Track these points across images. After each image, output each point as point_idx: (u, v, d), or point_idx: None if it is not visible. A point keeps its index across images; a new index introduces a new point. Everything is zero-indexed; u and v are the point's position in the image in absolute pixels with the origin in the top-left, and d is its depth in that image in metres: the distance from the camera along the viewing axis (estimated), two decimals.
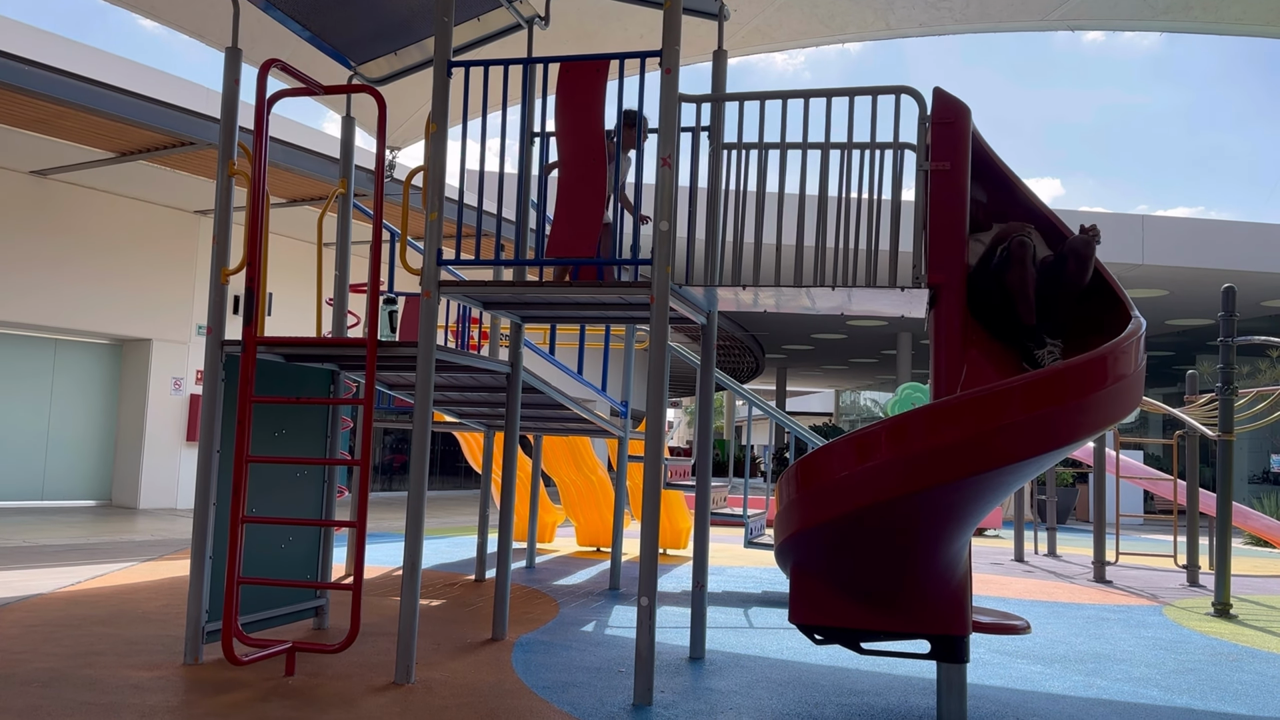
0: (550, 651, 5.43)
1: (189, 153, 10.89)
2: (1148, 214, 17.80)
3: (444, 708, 4.17)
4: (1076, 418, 3.80)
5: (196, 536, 4.88)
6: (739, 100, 4.72)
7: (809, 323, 25.29)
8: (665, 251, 4.51)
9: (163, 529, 11.30)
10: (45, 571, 7.64)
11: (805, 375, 43.15)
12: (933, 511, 3.89)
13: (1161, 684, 5.24)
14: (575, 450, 10.43)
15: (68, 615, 5.90)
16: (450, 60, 4.84)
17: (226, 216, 5.04)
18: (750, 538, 8.01)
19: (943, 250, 4.27)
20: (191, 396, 14.46)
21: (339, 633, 5.50)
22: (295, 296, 13.21)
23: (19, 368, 13.51)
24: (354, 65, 6.75)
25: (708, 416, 5.90)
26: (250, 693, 4.27)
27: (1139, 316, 4.15)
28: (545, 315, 5.82)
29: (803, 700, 4.57)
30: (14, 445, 13.40)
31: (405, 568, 4.67)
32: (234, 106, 5.04)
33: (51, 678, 4.39)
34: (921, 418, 3.89)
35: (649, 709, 4.28)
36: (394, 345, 5.04)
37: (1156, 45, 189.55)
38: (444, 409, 7.67)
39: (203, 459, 4.91)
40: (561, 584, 8.21)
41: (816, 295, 4.72)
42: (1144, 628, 7.09)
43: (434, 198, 4.80)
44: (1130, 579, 10.21)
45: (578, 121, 4.80)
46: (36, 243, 12.58)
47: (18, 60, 8.77)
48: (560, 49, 6.02)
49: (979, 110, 4.43)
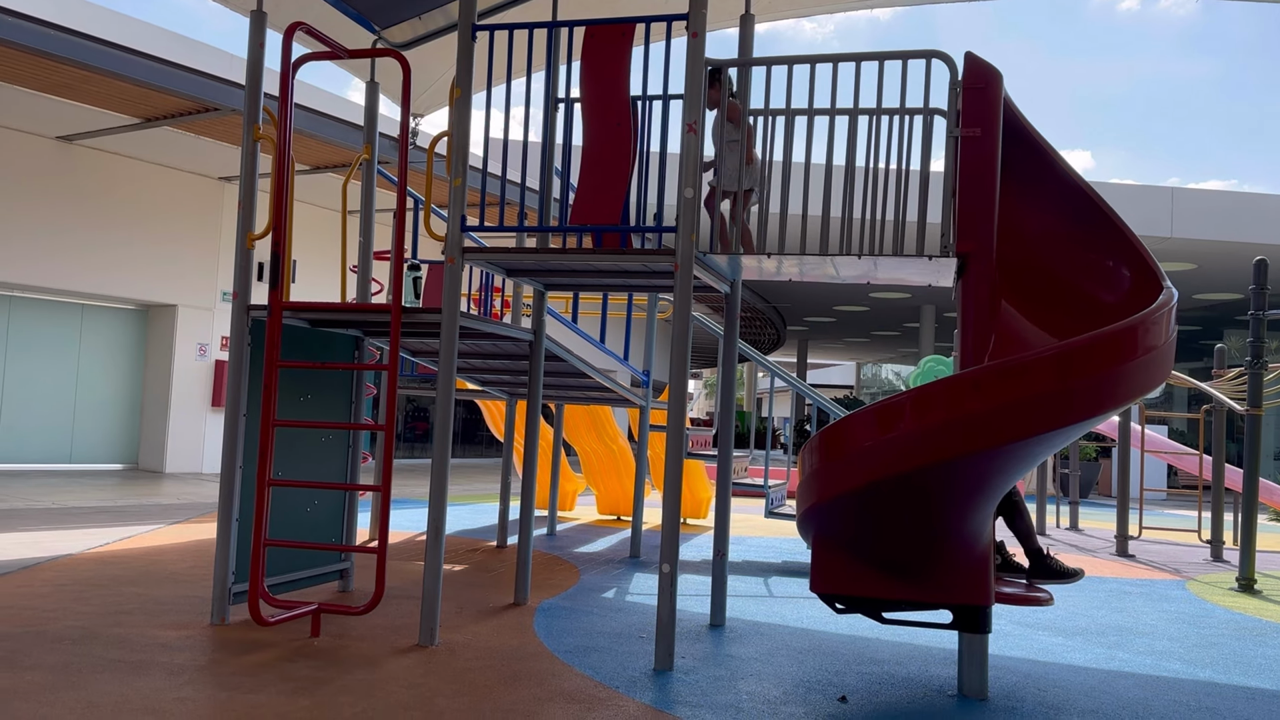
0: (572, 617, 5.47)
1: (213, 119, 10.91)
2: (1178, 186, 17.52)
3: (467, 669, 4.21)
4: (1105, 389, 3.75)
5: (223, 499, 4.93)
6: (766, 65, 4.67)
7: (831, 295, 25.16)
8: (690, 219, 4.48)
9: (189, 492, 11.43)
10: (74, 532, 7.75)
11: (826, 348, 43.03)
12: (957, 482, 3.87)
13: (1184, 657, 5.22)
14: (596, 419, 10.45)
15: (97, 575, 5.99)
16: (475, 24, 4.81)
17: (252, 181, 5.05)
18: (771, 508, 8.02)
19: (972, 218, 4.21)
20: (216, 362, 14.58)
21: (363, 595, 5.56)
22: (319, 264, 13.28)
23: (47, 333, 13.65)
24: (378, 30, 6.73)
25: (730, 387, 5.88)
26: (276, 653, 4.33)
27: (1170, 287, 4.09)
28: (568, 283, 5.81)
29: (823, 668, 4.59)
30: (43, 409, 13.57)
31: (429, 532, 4.71)
32: (259, 70, 5.03)
33: (82, 635, 4.46)
34: (947, 388, 3.86)
35: (670, 674, 4.30)
36: (418, 311, 5.05)
37: (1193, 14, 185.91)
38: (467, 376, 7.69)
39: (229, 422, 4.95)
40: (582, 551, 8.26)
41: (841, 264, 4.68)
42: (1167, 602, 7.06)
43: (458, 164, 4.78)
44: (1153, 553, 10.16)
45: (603, 86, 4.76)
46: (63, 208, 12.67)
47: (43, 24, 8.79)
48: (585, 13, 5.97)
49: (1010, 81, 4.35)
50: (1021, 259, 4.53)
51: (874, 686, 4.31)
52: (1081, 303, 4.47)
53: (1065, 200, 4.55)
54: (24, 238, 12.29)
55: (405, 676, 4.05)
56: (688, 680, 4.22)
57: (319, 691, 3.77)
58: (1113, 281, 4.47)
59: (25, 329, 13.39)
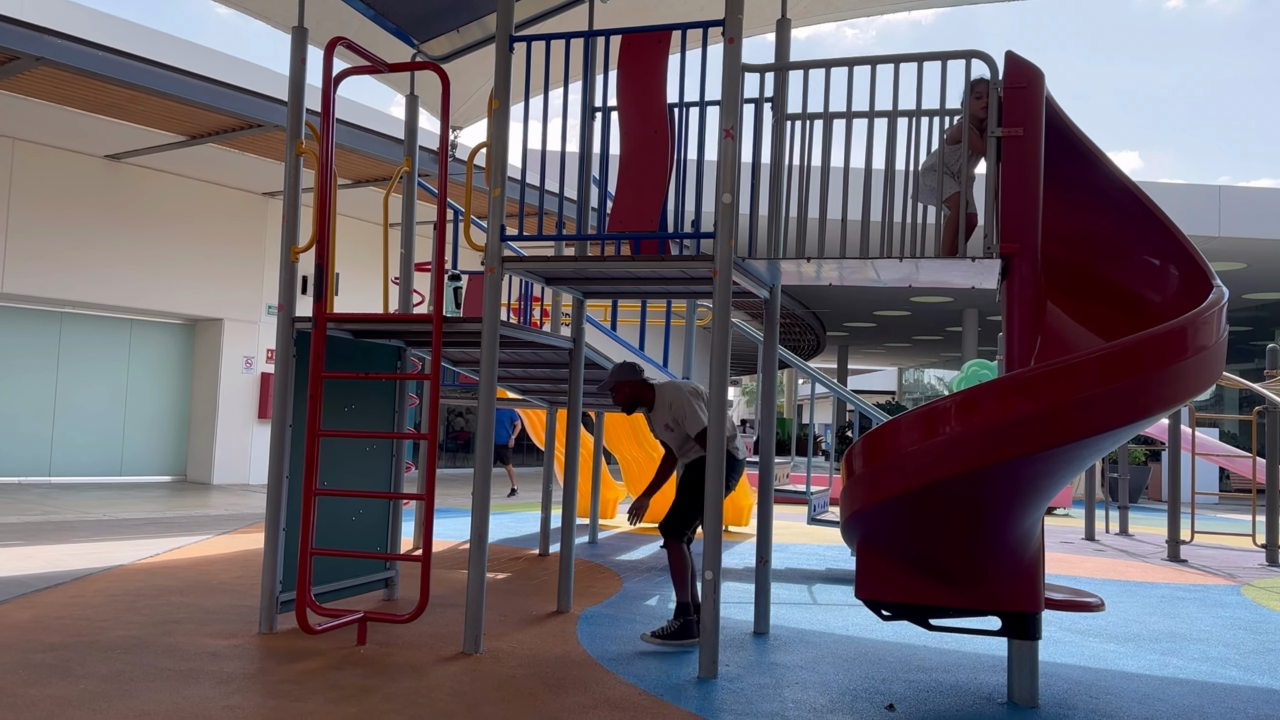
0: (615, 624, 5.47)
1: (256, 135, 11.10)
2: (1226, 185, 17.18)
3: (512, 677, 4.22)
4: (1155, 390, 3.68)
5: (270, 509, 4.99)
6: (803, 69, 4.65)
7: (872, 300, 24.97)
8: (728, 224, 4.47)
9: (236, 503, 11.59)
10: (125, 543, 7.89)
11: (867, 353, 42.70)
12: (1004, 486, 3.82)
13: (1240, 664, 5.10)
14: (637, 427, 10.45)
15: (147, 585, 6.09)
16: (512, 35, 4.84)
17: (295, 194, 5.12)
18: (814, 514, 7.96)
19: (1015, 219, 4.15)
20: (262, 374, 14.79)
21: (408, 604, 5.59)
22: (361, 277, 13.43)
23: (97, 348, 13.93)
24: (417, 43, 6.80)
25: (771, 393, 5.85)
26: (323, 661, 4.37)
27: (1220, 286, 4.01)
28: (607, 290, 5.82)
29: (869, 676, 4.54)
30: (94, 423, 13.84)
31: (472, 541, 4.73)
32: (301, 83, 5.11)
33: (133, 644, 4.54)
34: (993, 391, 3.81)
35: (714, 682, 4.28)
36: (459, 321, 5.08)
37: (1241, 10, 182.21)
38: (507, 385, 7.73)
39: (276, 433, 5.01)
40: (624, 559, 8.25)
41: (881, 267, 4.64)
42: (1221, 607, 6.90)
43: (497, 174, 4.81)
44: (1206, 558, 9.95)
45: (640, 94, 4.77)
46: (111, 226, 12.93)
47: (93, 46, 8.99)
48: (621, 22, 5.99)
49: (1055, 83, 4.30)
50: (1067, 259, 4.48)
51: (922, 694, 4.26)
52: (1129, 303, 4.40)
53: (1110, 199, 4.48)
54: (74, 255, 12.56)
55: (450, 684, 4.07)
56: (732, 688, 4.20)
57: (366, 699, 3.80)
58: (1161, 281, 4.40)
59: (76, 344, 13.67)
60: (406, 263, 7.02)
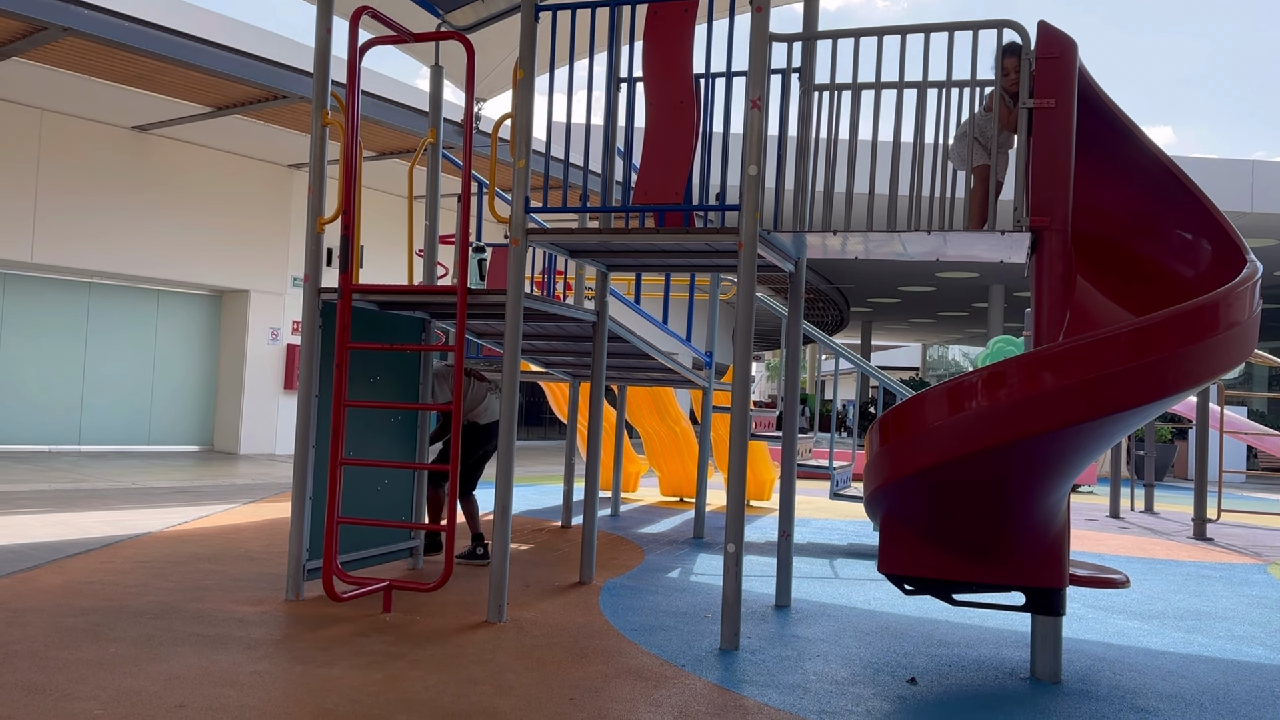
0: (636, 595, 5.49)
1: (282, 106, 11.11)
2: (1260, 160, 16.88)
3: (535, 646, 4.25)
4: (1185, 366, 3.64)
5: (297, 478, 5.03)
6: (831, 38, 4.60)
7: (896, 275, 24.80)
8: (754, 197, 4.44)
9: (262, 473, 11.71)
10: (153, 512, 7.99)
11: (891, 329, 42.47)
12: (1029, 462, 3.79)
13: (1266, 643, 5.07)
14: (659, 401, 10.45)
15: (176, 552, 6.17)
16: (538, 4, 4.81)
17: (321, 164, 5.12)
18: (837, 489, 7.95)
19: (1046, 192, 4.10)
20: (288, 346, 14.89)
21: (433, 573, 5.64)
22: (386, 249, 13.47)
23: (125, 318, 14.06)
24: (442, 13, 6.77)
25: (795, 368, 5.83)
26: (349, 628, 4.42)
27: (1255, 260, 3.95)
28: (631, 263, 5.80)
29: (891, 650, 4.54)
30: (122, 392, 14.00)
31: (496, 511, 4.76)
32: (326, 54, 5.10)
33: (162, 610, 4.60)
34: (1020, 366, 3.78)
35: (736, 654, 4.30)
36: (483, 293, 5.09)
37: None
38: (530, 358, 7.74)
39: (302, 403, 5.05)
40: (646, 532, 8.29)
41: (909, 241, 4.60)
42: (1247, 586, 6.85)
43: (521, 145, 4.79)
44: (1233, 537, 9.87)
45: (666, 63, 4.73)
46: (138, 197, 13.02)
47: (120, 16, 9.02)
48: None
49: (1089, 57, 4.22)
50: (1098, 233, 4.41)
51: (944, 668, 4.26)
52: (1161, 278, 4.34)
53: (1143, 172, 4.41)
54: (102, 226, 12.66)
55: (474, 652, 4.11)
56: (754, 660, 4.22)
57: (391, 666, 3.84)
58: (1193, 255, 4.34)
59: (104, 315, 13.80)
60: (431, 235, 7.02)
